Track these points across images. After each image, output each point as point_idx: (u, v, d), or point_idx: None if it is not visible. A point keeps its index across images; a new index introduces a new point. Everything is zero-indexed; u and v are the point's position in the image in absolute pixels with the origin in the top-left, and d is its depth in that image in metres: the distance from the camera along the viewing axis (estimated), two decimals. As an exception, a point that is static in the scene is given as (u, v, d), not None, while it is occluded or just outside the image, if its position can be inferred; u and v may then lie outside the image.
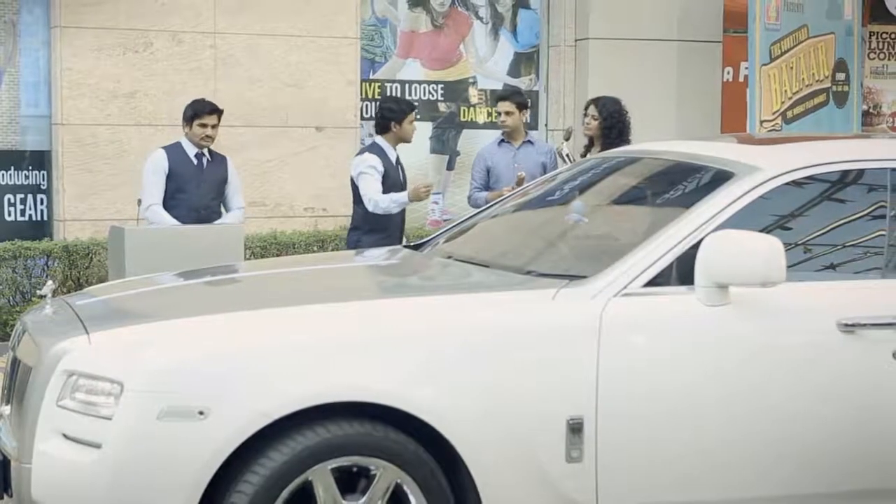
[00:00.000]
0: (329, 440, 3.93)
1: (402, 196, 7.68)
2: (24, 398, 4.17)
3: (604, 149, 7.90)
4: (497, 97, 9.02)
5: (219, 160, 7.76)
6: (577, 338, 4.13)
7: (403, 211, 8.05)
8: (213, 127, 7.76)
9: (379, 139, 8.00)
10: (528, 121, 12.31)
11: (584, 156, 8.09)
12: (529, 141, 8.36)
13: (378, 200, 7.72)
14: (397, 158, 7.98)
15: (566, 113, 12.25)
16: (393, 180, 7.86)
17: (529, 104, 9.06)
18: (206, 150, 7.65)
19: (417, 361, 4.02)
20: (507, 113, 8.23)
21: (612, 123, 8.12)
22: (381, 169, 7.78)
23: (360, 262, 5.89)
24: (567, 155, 8.08)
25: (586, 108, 8.35)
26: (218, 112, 7.83)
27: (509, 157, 8.20)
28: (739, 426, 4.24)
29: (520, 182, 7.46)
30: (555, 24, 12.30)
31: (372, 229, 7.78)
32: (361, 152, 8.14)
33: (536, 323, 4.17)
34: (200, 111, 7.63)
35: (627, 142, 8.12)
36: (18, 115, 10.54)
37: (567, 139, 8.30)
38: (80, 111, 10.35)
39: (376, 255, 6.11)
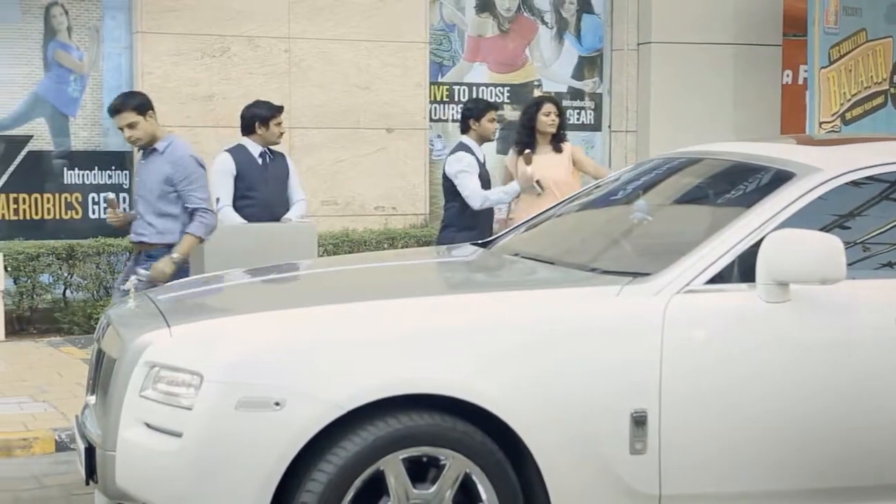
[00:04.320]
0: (400, 430, 3.99)
1: (512, 186, 7.84)
2: (109, 388, 4.28)
3: (551, 141, 8.08)
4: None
5: (279, 157, 7.89)
6: (640, 333, 4.20)
7: (491, 209, 8.14)
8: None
9: (464, 138, 8.11)
10: (592, 122, 12.47)
11: (527, 155, 8.06)
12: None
13: (487, 195, 7.87)
14: (483, 157, 8.07)
15: (629, 115, 12.29)
16: (481, 178, 7.95)
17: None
18: (267, 149, 7.79)
19: (484, 355, 4.09)
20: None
21: (564, 121, 8.22)
22: (474, 164, 7.89)
23: (429, 259, 5.98)
24: (537, 181, 7.97)
25: (540, 106, 8.25)
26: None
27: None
28: (799, 420, 4.29)
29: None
30: (618, 29, 12.35)
31: (465, 227, 7.88)
32: (454, 151, 8.22)
33: (601, 318, 4.24)
34: (276, 112, 7.78)
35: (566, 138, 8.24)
36: (102, 117, 10.77)
37: (528, 163, 8.13)
38: (159, 114, 10.44)
39: (445, 253, 6.19)
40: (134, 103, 6.81)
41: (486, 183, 8.05)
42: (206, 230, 6.72)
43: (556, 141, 8.14)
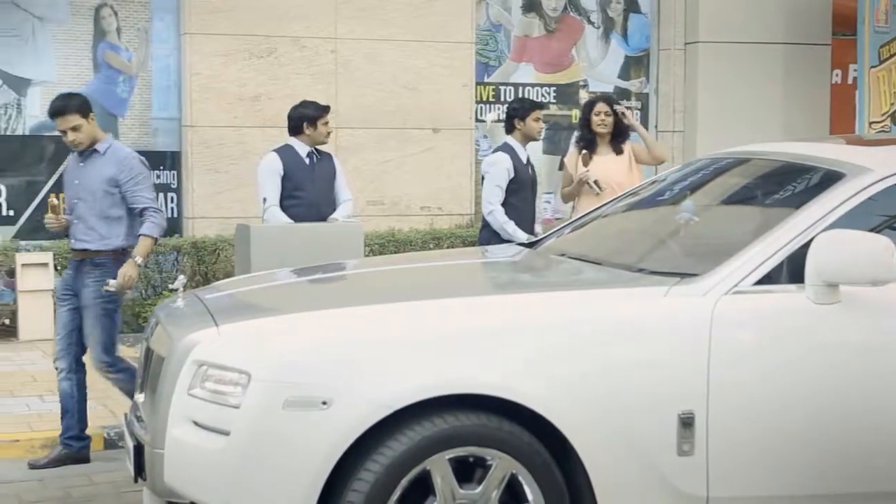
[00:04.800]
0: (446, 430, 3.99)
1: (518, 235, 7.57)
2: (158, 386, 4.30)
3: (610, 142, 8.01)
4: None
5: (326, 157, 7.90)
6: (688, 334, 4.18)
7: (534, 209, 8.11)
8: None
9: (509, 138, 8.09)
10: (639, 122, 12.41)
11: (589, 154, 8.04)
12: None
13: (494, 211, 7.78)
14: (528, 158, 8.04)
15: (676, 115, 12.24)
16: (523, 179, 7.92)
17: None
18: (315, 149, 7.81)
19: (530, 355, 4.09)
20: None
21: (619, 119, 8.14)
22: (510, 166, 7.85)
23: (476, 260, 5.98)
24: (595, 181, 7.95)
25: (592, 106, 8.22)
26: None
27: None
28: (848, 422, 4.25)
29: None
30: (665, 28, 12.31)
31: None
32: (494, 151, 8.22)
33: (648, 319, 4.22)
34: (323, 112, 7.80)
35: (628, 131, 8.19)
36: (150, 117, 10.88)
37: (586, 164, 8.10)
38: (207, 114, 10.64)
39: (491, 253, 6.19)
40: (76, 105, 6.54)
41: (530, 183, 8.02)
42: (159, 230, 6.62)
43: (617, 141, 8.07)
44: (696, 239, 5.17)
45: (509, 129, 8.07)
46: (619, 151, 8.10)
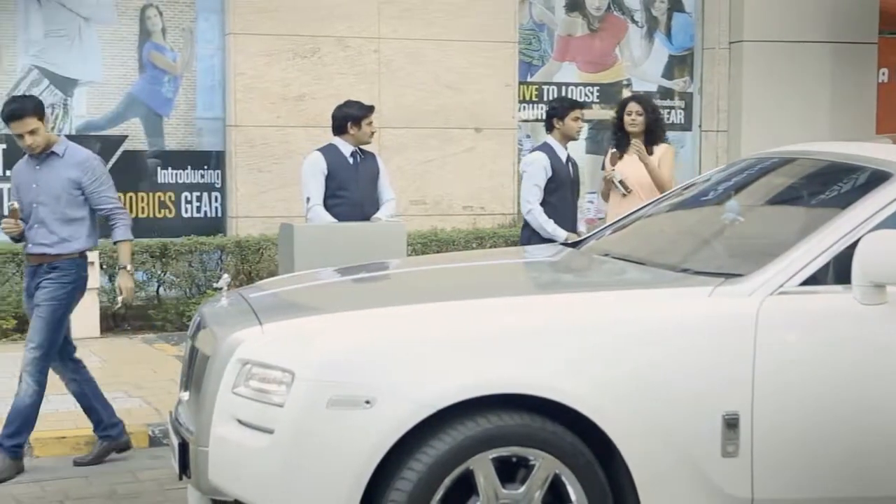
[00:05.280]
0: (489, 430, 3.99)
1: (560, 233, 7.64)
2: (202, 385, 4.32)
3: (646, 143, 7.91)
4: None
5: (370, 157, 7.92)
6: (733, 335, 4.16)
7: (574, 208, 8.09)
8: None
9: (548, 138, 8.08)
10: (682, 121, 12.38)
11: (620, 152, 8.01)
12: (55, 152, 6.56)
13: (533, 210, 7.81)
14: (567, 157, 8.02)
15: (720, 114, 12.18)
16: (562, 178, 7.90)
17: None
18: (358, 149, 7.82)
19: (574, 355, 4.08)
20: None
21: (656, 117, 8.07)
22: (547, 165, 7.85)
23: (519, 259, 5.98)
24: (621, 181, 7.92)
25: (624, 106, 8.19)
26: None
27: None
28: (893, 426, 4.21)
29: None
30: (709, 27, 12.26)
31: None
32: (533, 151, 8.22)
33: (693, 319, 4.20)
34: (367, 112, 7.82)
35: (664, 132, 8.12)
36: (194, 117, 10.96)
37: (613, 163, 8.07)
38: (251, 114, 10.71)
39: (534, 252, 6.19)
40: (32, 107, 6.40)
41: (569, 182, 8.00)
42: (131, 231, 6.61)
43: (649, 142, 8.03)
44: (740, 239, 5.15)
45: (549, 128, 8.07)
46: (649, 153, 8.05)
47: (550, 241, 7.42)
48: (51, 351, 6.43)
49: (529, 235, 7.87)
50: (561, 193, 7.91)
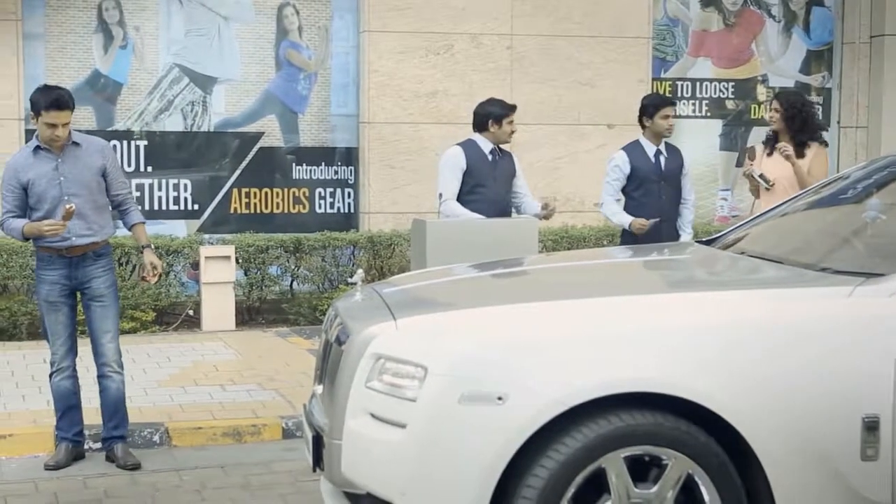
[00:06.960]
0: (621, 429, 3.96)
1: (625, 219, 7.85)
2: (336, 379, 4.36)
3: (790, 140, 7.74)
4: None
5: (507, 156, 7.91)
6: (874, 336, 4.07)
7: (663, 203, 7.95)
8: None
9: (640, 135, 8.04)
10: (820, 118, 12.10)
11: (769, 148, 7.83)
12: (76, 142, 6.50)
13: (602, 205, 8.00)
14: (656, 152, 7.93)
15: (859, 110, 11.91)
16: (645, 174, 7.86)
17: None
18: (497, 147, 7.81)
19: (708, 354, 4.03)
20: None
21: (793, 114, 7.84)
22: (622, 163, 7.87)
23: (651, 257, 5.91)
24: (761, 175, 7.76)
25: (770, 103, 8.07)
26: None
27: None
28: None
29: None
30: (849, 21, 11.99)
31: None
32: (621, 148, 8.18)
33: (832, 320, 4.12)
34: (509, 111, 7.80)
35: (814, 131, 7.87)
36: (329, 114, 11.10)
37: (752, 159, 7.94)
38: (384, 110, 10.80)
39: (667, 250, 6.12)
40: (72, 99, 6.36)
41: (656, 178, 7.89)
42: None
43: (797, 142, 7.82)
44: (882, 238, 5.04)
45: (641, 126, 8.02)
46: (800, 155, 7.84)
47: (652, 240, 7.36)
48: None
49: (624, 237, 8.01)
50: (646, 187, 7.87)
